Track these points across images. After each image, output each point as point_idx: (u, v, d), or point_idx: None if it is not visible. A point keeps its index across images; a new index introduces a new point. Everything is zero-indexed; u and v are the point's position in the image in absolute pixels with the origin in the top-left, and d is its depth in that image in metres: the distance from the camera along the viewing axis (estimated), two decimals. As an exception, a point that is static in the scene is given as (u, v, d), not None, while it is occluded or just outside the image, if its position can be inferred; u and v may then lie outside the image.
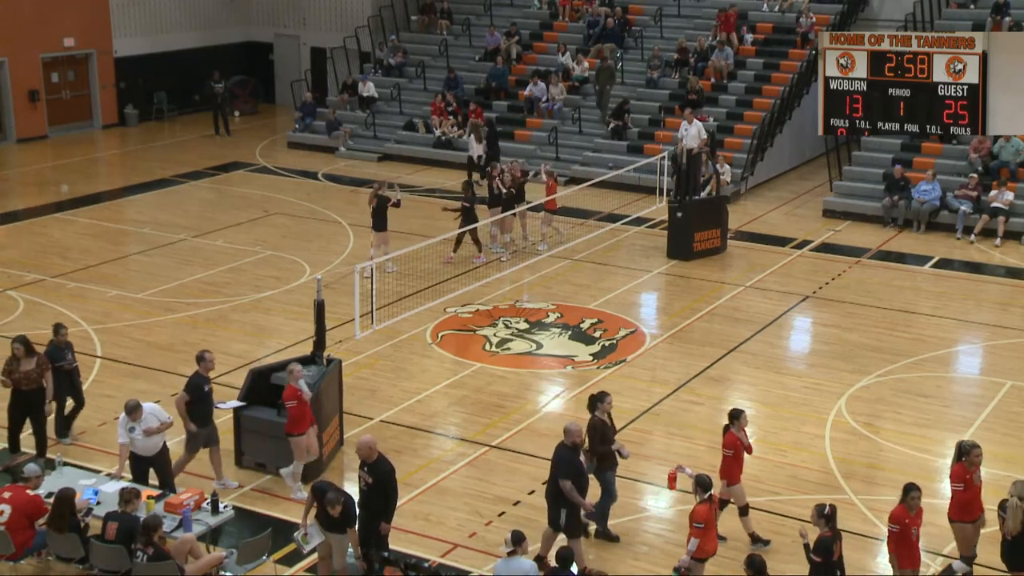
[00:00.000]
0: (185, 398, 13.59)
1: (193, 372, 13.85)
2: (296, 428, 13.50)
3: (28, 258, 22.74)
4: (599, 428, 12.75)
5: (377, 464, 11.77)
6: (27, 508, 11.72)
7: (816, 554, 10.88)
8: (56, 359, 14.39)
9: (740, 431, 12.72)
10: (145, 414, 13.04)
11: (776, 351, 18.76)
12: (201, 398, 13.67)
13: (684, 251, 22.85)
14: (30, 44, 32.75)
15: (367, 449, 11.78)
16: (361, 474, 11.83)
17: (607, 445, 12.73)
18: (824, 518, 10.96)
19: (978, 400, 16.85)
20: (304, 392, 13.50)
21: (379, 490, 11.72)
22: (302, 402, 13.47)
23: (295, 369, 13.54)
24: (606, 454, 12.75)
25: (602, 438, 12.73)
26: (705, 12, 32.84)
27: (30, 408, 14.11)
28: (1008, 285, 22.10)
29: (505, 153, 30.07)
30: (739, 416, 12.79)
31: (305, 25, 38.41)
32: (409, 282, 21.16)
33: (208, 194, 28.14)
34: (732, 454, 12.66)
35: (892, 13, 31.17)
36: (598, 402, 12.83)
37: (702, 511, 11.43)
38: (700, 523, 11.36)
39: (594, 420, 12.78)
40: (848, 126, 14.71)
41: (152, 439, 13.02)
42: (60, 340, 14.66)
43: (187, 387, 13.66)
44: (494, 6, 35.37)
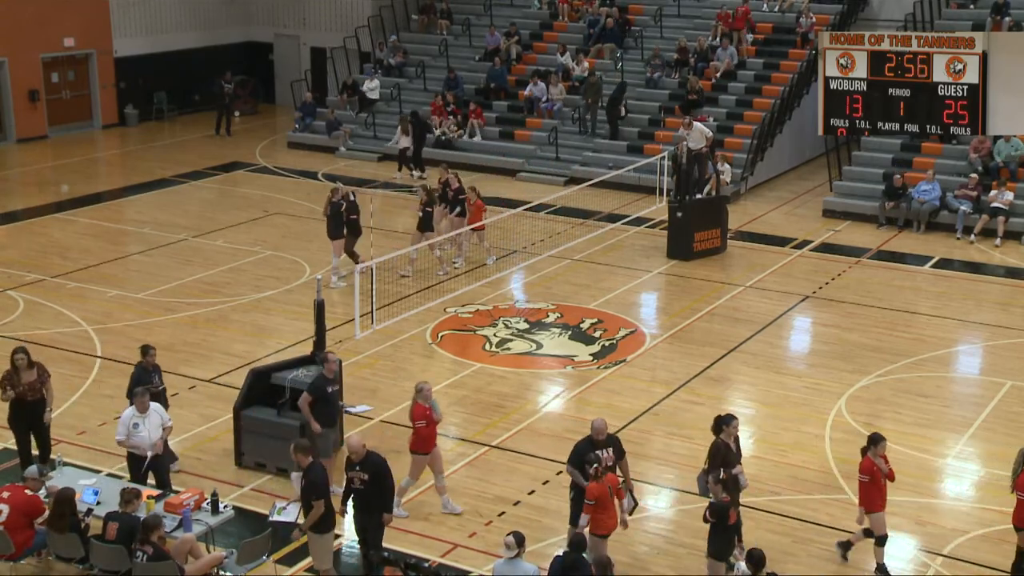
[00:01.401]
0: (308, 399, 13.46)
1: (318, 374, 13.76)
2: (423, 447, 13.22)
3: (28, 258, 22.74)
4: (721, 451, 12.20)
5: (368, 459, 11.74)
6: (25, 508, 11.72)
7: (712, 516, 11.45)
8: (143, 381, 13.83)
9: (878, 456, 12.10)
10: (152, 409, 12.96)
11: (776, 351, 18.76)
12: (325, 399, 13.55)
13: (684, 251, 22.85)
14: (30, 44, 32.75)
15: (359, 448, 11.73)
16: (354, 475, 11.74)
17: (728, 469, 12.11)
18: (720, 483, 11.69)
19: (978, 400, 16.85)
20: (436, 413, 13.25)
21: (376, 483, 11.68)
22: (431, 423, 13.18)
23: (424, 387, 13.21)
24: (726, 479, 12.07)
25: (723, 462, 12.15)
26: (705, 12, 32.85)
27: (33, 419, 13.83)
28: (1008, 285, 22.10)
29: (505, 153, 30.17)
30: (877, 442, 12.17)
31: (305, 25, 38.41)
32: (409, 282, 21.16)
33: (208, 194, 28.15)
34: (869, 480, 12.12)
35: (892, 13, 31.17)
36: (724, 424, 12.32)
37: (595, 489, 11.76)
38: (591, 500, 11.72)
39: (717, 443, 12.25)
40: (848, 126, 14.73)
41: (156, 436, 12.93)
42: (148, 362, 14.12)
43: (310, 388, 13.55)
44: (494, 6, 35.37)
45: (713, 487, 11.76)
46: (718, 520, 11.44)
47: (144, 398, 12.99)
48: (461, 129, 30.93)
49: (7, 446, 14.87)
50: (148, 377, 14.03)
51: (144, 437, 12.91)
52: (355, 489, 11.79)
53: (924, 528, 13.35)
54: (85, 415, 15.92)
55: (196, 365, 17.61)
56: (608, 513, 11.84)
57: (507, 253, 23.03)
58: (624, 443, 14.55)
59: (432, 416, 13.17)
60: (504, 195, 27.36)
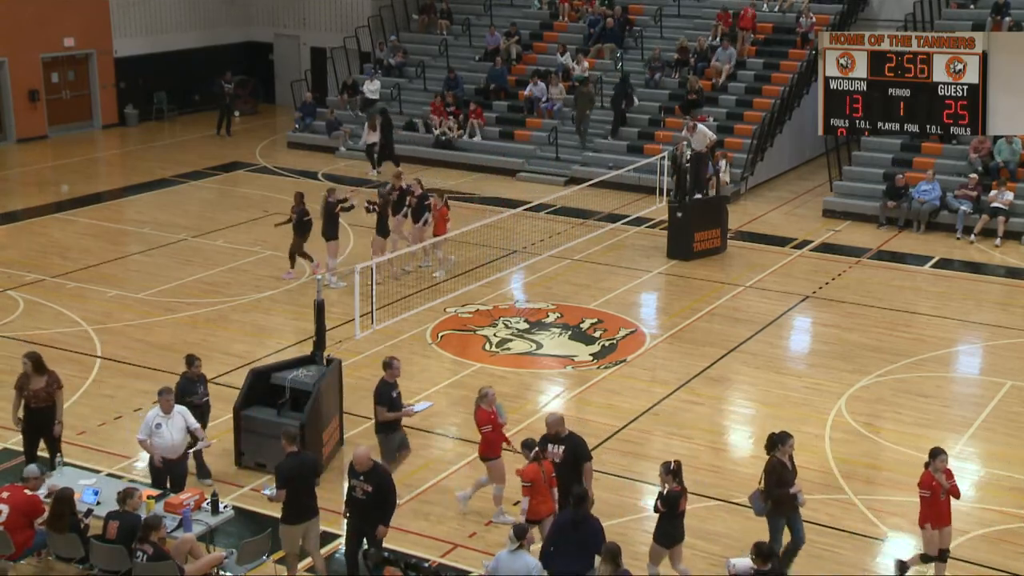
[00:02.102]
0: (383, 409, 13.41)
1: (380, 380, 13.70)
2: (492, 452, 13.09)
3: (28, 258, 22.74)
4: (777, 470, 11.92)
5: (374, 471, 11.67)
6: (25, 508, 11.71)
7: (664, 505, 11.54)
8: (187, 393, 13.68)
9: (939, 471, 11.81)
10: (176, 411, 12.85)
11: (776, 351, 18.76)
12: (391, 403, 13.56)
13: (684, 251, 22.85)
14: (30, 44, 32.75)
15: (366, 459, 11.64)
16: (357, 484, 11.66)
17: (784, 488, 11.91)
18: (671, 474, 11.63)
19: (978, 400, 16.85)
20: (501, 417, 13.11)
21: (380, 497, 11.62)
22: (497, 428, 13.06)
23: (488, 392, 13.11)
24: (782, 498, 11.92)
25: (779, 481, 11.90)
26: (705, 12, 32.85)
27: (41, 427, 13.63)
28: (1008, 285, 22.11)
29: (505, 153, 30.16)
30: (936, 455, 11.87)
31: (305, 25, 38.41)
32: (409, 282, 21.15)
33: (208, 194, 28.15)
34: (929, 496, 11.81)
35: (892, 13, 31.16)
36: (779, 443, 11.99)
37: (529, 470, 11.91)
38: (528, 482, 11.89)
39: (773, 461, 11.98)
40: (848, 126, 14.72)
41: (178, 440, 12.80)
42: (193, 373, 13.94)
43: (380, 398, 13.49)
44: (494, 6, 35.37)
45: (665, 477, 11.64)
46: (669, 509, 11.57)
47: (168, 398, 12.86)
48: (461, 129, 30.93)
49: (7, 446, 14.88)
50: (193, 388, 13.83)
51: (166, 439, 12.76)
52: (356, 499, 11.72)
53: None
54: (85, 415, 15.92)
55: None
56: (540, 498, 11.97)
57: (507, 253, 23.03)
58: (624, 443, 14.60)
59: (497, 420, 13.01)
60: (504, 195, 27.38)
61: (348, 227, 24.77)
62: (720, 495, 13.96)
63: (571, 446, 12.36)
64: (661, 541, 11.70)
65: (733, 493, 13.98)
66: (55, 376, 13.69)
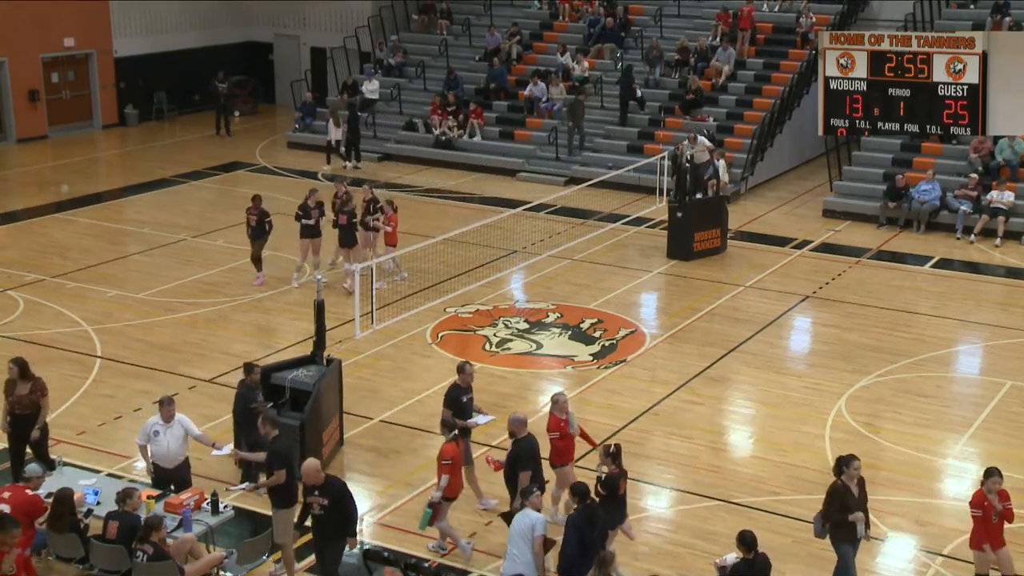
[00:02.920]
0: (448, 412, 13.23)
1: (452, 384, 13.55)
2: (560, 460, 12.85)
3: (28, 258, 22.74)
4: (839, 494, 11.38)
5: (328, 484, 11.33)
6: (26, 508, 11.70)
7: (603, 488, 11.64)
8: (249, 401, 13.56)
9: (992, 493, 11.46)
10: (176, 420, 12.69)
11: (776, 351, 18.76)
12: (461, 409, 13.32)
13: (684, 251, 22.85)
14: (30, 44, 32.75)
15: (314, 473, 11.26)
16: (313, 499, 11.29)
17: (845, 514, 11.33)
18: (610, 456, 11.80)
19: (978, 400, 16.85)
20: (571, 426, 12.83)
21: (337, 508, 11.28)
22: (566, 436, 12.78)
23: (560, 399, 12.86)
24: (842, 523, 11.35)
25: (840, 505, 11.34)
26: (705, 12, 32.85)
27: (24, 433, 13.45)
28: (1008, 285, 22.10)
29: (505, 153, 30.16)
30: (990, 475, 11.54)
31: (305, 25, 38.41)
32: (409, 282, 21.15)
33: (208, 194, 28.14)
34: (980, 515, 11.48)
35: (892, 13, 31.15)
36: (844, 465, 11.46)
37: (448, 449, 12.21)
38: (447, 460, 12.19)
39: (836, 485, 11.45)
40: (848, 126, 14.73)
41: (175, 449, 12.68)
42: (252, 380, 13.78)
43: (448, 401, 13.31)
44: (494, 6, 35.37)
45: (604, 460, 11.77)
46: (609, 492, 11.68)
47: (169, 409, 12.70)
48: (461, 129, 30.93)
49: (7, 446, 14.87)
50: (254, 396, 13.69)
51: (162, 447, 12.60)
52: (314, 515, 11.38)
53: (924, 528, 13.35)
54: (85, 415, 15.92)
55: (196, 365, 17.61)
56: (458, 476, 12.43)
57: (507, 253, 23.03)
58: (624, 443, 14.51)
59: (566, 429, 12.74)
60: (504, 195, 27.39)
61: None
62: (720, 495, 13.96)
63: (516, 449, 12.35)
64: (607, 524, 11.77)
65: (733, 493, 13.98)
66: (40, 383, 13.52)
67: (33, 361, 17.44)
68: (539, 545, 11.03)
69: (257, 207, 21.05)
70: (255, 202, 21.16)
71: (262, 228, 20.96)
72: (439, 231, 22.52)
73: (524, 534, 11.04)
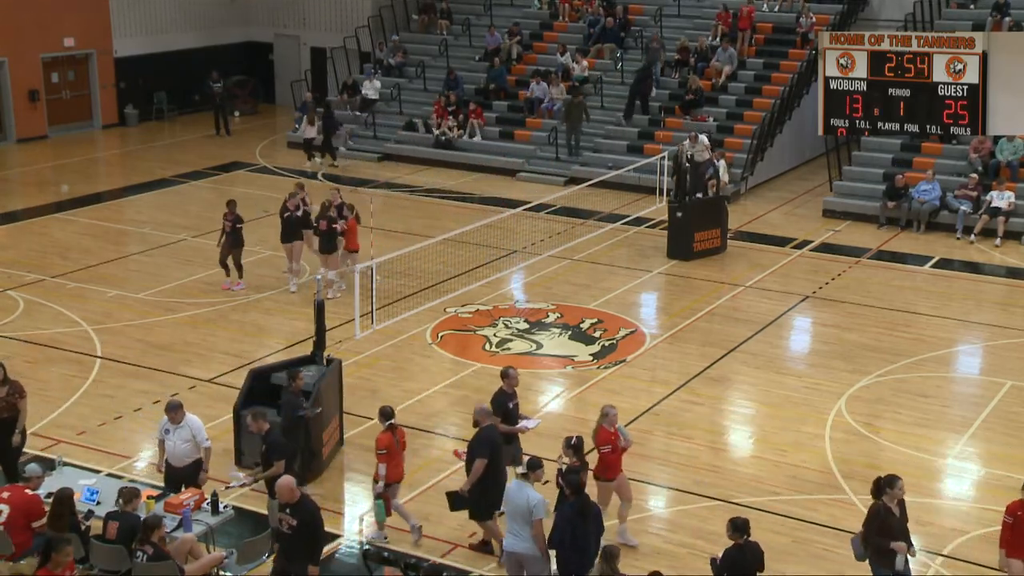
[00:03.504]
0: (497, 420, 12.92)
1: (497, 390, 13.38)
2: (607, 474, 12.55)
3: (28, 258, 22.74)
4: (880, 516, 10.91)
5: (301, 504, 11.00)
6: (26, 508, 11.69)
7: (564, 480, 11.46)
8: (295, 407, 13.45)
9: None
10: (185, 422, 12.71)
11: (776, 351, 18.76)
12: (507, 414, 13.11)
13: (684, 251, 22.85)
14: (30, 44, 32.75)
15: (288, 491, 10.95)
16: (283, 516, 11.01)
17: (886, 537, 10.89)
18: (572, 448, 11.85)
19: (978, 400, 16.85)
20: (623, 439, 12.57)
21: (305, 532, 10.97)
22: (617, 449, 12.51)
23: (611, 412, 12.53)
24: (882, 548, 10.90)
25: (881, 528, 10.88)
26: (705, 12, 32.85)
27: (4, 438, 13.37)
28: (1008, 285, 22.11)
29: (505, 153, 30.15)
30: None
31: (305, 25, 38.41)
32: (409, 282, 21.15)
33: (208, 194, 28.13)
34: (1012, 522, 11.25)
35: (892, 13, 31.17)
36: (886, 487, 10.98)
37: (383, 439, 12.48)
38: (382, 450, 12.48)
39: (877, 506, 10.99)
40: (848, 126, 14.70)
41: (182, 450, 12.71)
42: (296, 387, 13.64)
43: (495, 407, 13.07)
44: (494, 6, 35.37)
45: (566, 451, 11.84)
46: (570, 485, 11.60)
47: (174, 414, 12.72)
48: (461, 129, 30.93)
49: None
50: (299, 403, 13.56)
51: (171, 446, 12.72)
52: (281, 533, 11.08)
53: (924, 528, 13.33)
54: (85, 415, 15.92)
55: (196, 365, 17.61)
56: (395, 463, 12.68)
57: (507, 253, 23.03)
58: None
59: (617, 443, 12.50)
60: (504, 195, 27.39)
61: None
62: (720, 495, 13.96)
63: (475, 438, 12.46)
64: None
65: (733, 493, 13.98)
66: (18, 385, 13.46)
67: (33, 361, 17.62)
68: (539, 529, 11.12)
69: (232, 212, 20.71)
70: (230, 207, 20.82)
71: (238, 234, 20.67)
72: (439, 231, 22.52)
73: (523, 514, 11.14)
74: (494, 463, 12.26)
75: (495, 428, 12.51)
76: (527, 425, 13.49)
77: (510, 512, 11.22)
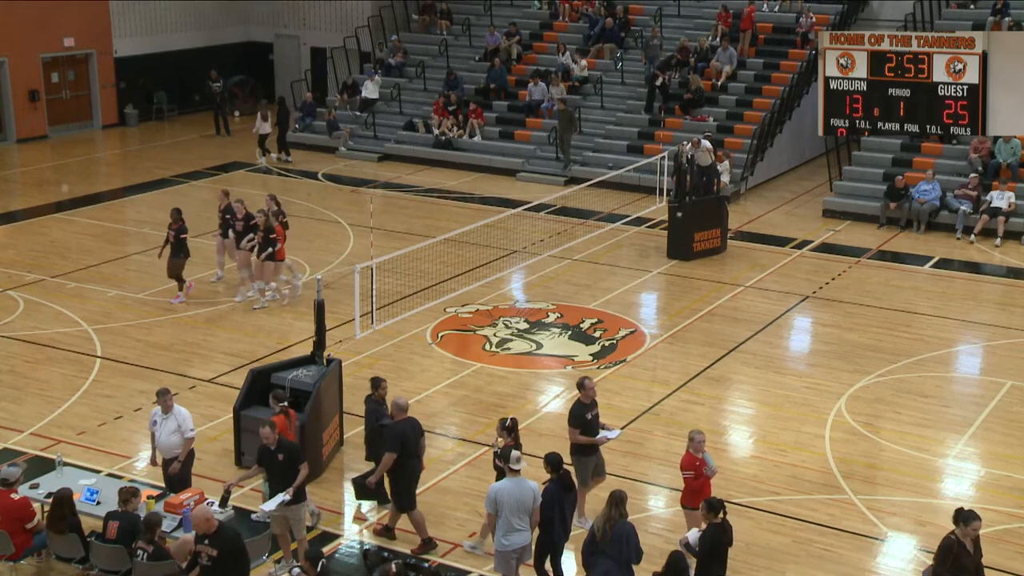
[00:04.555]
0: (576, 431, 12.82)
1: (575, 401, 13.17)
2: (691, 501, 11.98)
3: (28, 258, 22.74)
4: (952, 551, 10.44)
5: (220, 534, 10.49)
6: (15, 512, 11.64)
7: (501, 460, 11.75)
8: (379, 416, 13.24)
9: None
10: (173, 413, 12.76)
11: (776, 351, 18.76)
12: (586, 426, 12.84)
13: (684, 251, 22.85)
14: (30, 44, 32.75)
15: (204, 521, 10.46)
16: (201, 548, 10.46)
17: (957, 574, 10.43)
18: (506, 430, 12.19)
19: (978, 400, 16.85)
20: (708, 467, 12.00)
21: (226, 562, 10.43)
22: (700, 477, 11.96)
23: (697, 437, 11.99)
24: None
25: (954, 564, 10.40)
26: (705, 12, 32.85)
27: None
28: (1008, 285, 22.11)
29: (505, 153, 30.15)
30: None
31: (305, 25, 38.41)
32: (409, 282, 21.14)
33: (208, 194, 28.10)
34: None
35: (892, 13, 31.17)
36: (963, 522, 10.54)
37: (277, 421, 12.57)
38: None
39: (950, 539, 10.54)
40: (848, 126, 14.71)
41: (170, 441, 12.76)
42: (379, 396, 13.43)
43: (573, 420, 12.83)
44: (494, 6, 35.37)
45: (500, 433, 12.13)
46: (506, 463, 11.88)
47: (164, 400, 12.76)
48: (461, 129, 30.93)
49: (7, 446, 14.89)
50: (383, 411, 13.36)
51: (159, 436, 12.81)
52: (202, 565, 10.52)
53: (924, 528, 13.35)
54: (85, 415, 15.92)
55: (196, 365, 17.61)
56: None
57: (507, 253, 23.03)
58: (624, 443, 14.61)
59: (701, 469, 11.97)
60: (504, 195, 27.39)
61: (348, 227, 24.79)
62: (720, 495, 13.87)
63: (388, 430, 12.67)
64: None
65: (733, 493, 13.97)
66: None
67: (33, 361, 17.64)
68: (538, 514, 11.33)
69: (177, 222, 19.92)
70: (174, 217, 19.93)
71: (183, 244, 19.93)
72: (439, 231, 22.53)
73: (527, 505, 11.20)
74: (404, 455, 12.43)
75: (406, 422, 12.63)
76: (608, 436, 13.16)
77: (512, 508, 11.20)
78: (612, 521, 10.55)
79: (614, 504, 10.61)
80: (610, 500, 10.65)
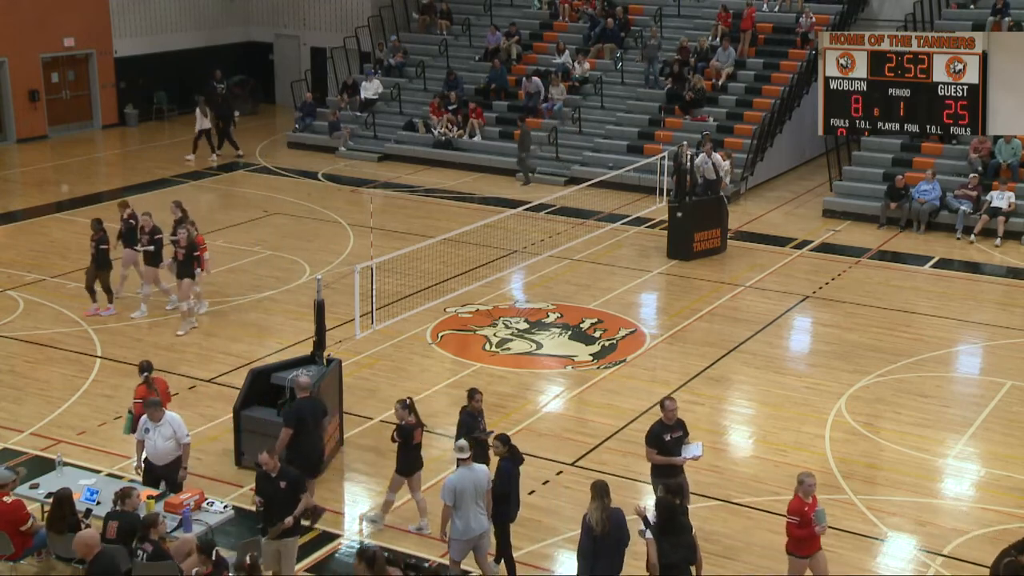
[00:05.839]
0: (653, 452, 12.52)
1: (655, 422, 12.82)
2: (796, 549, 11.18)
3: (28, 258, 22.74)
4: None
5: (98, 561, 10.22)
6: (8, 515, 11.61)
7: (399, 436, 12.67)
8: (472, 428, 12.85)
9: None
10: (165, 419, 12.70)
11: (776, 351, 18.75)
12: (663, 447, 12.49)
13: (684, 251, 22.85)
14: (30, 44, 32.74)
15: (83, 546, 10.20)
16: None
17: None
18: (407, 408, 12.71)
19: (978, 400, 16.85)
20: (817, 522, 11.00)
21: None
22: (806, 525, 11.00)
23: (806, 480, 11.05)
24: None
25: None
26: (705, 12, 32.85)
27: None
28: (1008, 285, 22.10)
29: (504, 153, 30.14)
30: None
31: (305, 25, 38.40)
32: (409, 282, 21.15)
33: (208, 194, 28.14)
34: None
35: (892, 13, 31.17)
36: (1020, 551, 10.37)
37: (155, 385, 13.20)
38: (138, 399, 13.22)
39: (1014, 565, 10.43)
40: (848, 126, 14.72)
41: (164, 448, 12.70)
42: (474, 407, 13.15)
43: (650, 439, 12.53)
44: (494, 6, 35.36)
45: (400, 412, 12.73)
46: (404, 440, 12.71)
47: (153, 411, 12.71)
48: (461, 129, 30.93)
49: (7, 446, 14.89)
50: (476, 423, 13.08)
51: (152, 445, 12.70)
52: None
53: (924, 528, 13.35)
54: (85, 415, 15.92)
55: (196, 365, 17.61)
56: None
57: (507, 253, 23.03)
58: (624, 443, 14.59)
59: (809, 516, 10.99)
60: (504, 195, 27.39)
61: (348, 227, 24.79)
62: (720, 495, 13.96)
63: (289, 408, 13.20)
64: (400, 470, 12.85)
65: (733, 493, 13.98)
66: None
67: (33, 361, 17.63)
68: (490, 495, 11.66)
69: (97, 233, 19.07)
70: (95, 227, 19.14)
71: (104, 256, 19.16)
72: (439, 231, 22.52)
73: (481, 489, 11.53)
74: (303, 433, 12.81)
75: (310, 400, 13.04)
76: (696, 453, 12.56)
77: (470, 495, 11.42)
78: (608, 511, 10.64)
79: (603, 494, 10.69)
80: (598, 492, 10.71)
